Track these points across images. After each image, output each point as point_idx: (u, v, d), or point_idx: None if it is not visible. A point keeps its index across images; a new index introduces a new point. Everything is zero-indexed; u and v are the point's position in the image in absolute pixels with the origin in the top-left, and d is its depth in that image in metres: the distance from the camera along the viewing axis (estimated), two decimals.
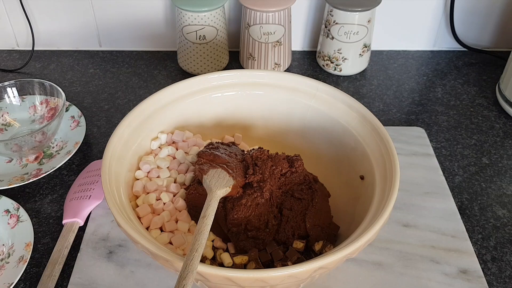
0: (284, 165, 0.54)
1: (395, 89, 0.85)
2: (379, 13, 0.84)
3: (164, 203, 0.54)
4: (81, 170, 0.68)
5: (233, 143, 0.60)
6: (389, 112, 0.80)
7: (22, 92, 0.74)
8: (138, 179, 0.55)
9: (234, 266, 0.49)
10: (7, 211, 0.60)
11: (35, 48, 0.90)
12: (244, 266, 0.49)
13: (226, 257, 0.50)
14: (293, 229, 0.52)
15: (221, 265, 0.50)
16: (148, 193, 0.54)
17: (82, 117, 0.74)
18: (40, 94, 0.74)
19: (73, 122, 0.74)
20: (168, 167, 0.57)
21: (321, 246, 0.50)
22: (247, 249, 0.50)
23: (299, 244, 0.51)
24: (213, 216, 0.46)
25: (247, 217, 0.51)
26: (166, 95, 0.58)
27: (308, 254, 0.51)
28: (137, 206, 0.53)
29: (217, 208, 0.51)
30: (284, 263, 0.48)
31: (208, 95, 0.61)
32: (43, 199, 0.65)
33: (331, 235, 0.53)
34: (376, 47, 0.93)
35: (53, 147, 0.71)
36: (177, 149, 0.59)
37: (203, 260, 0.50)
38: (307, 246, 0.51)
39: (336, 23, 0.82)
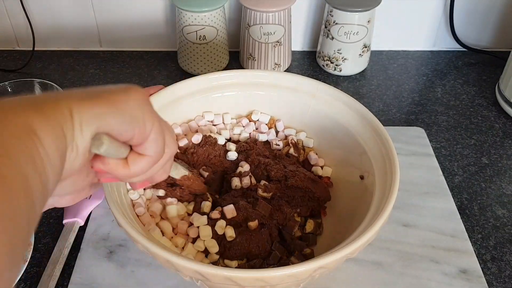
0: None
1: (395, 89, 0.86)
2: (379, 13, 0.84)
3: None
4: None
5: None
6: (389, 112, 0.80)
7: (23, 93, 0.74)
8: None
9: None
10: None
11: (35, 48, 0.90)
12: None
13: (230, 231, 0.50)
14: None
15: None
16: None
17: None
18: None
19: None
20: None
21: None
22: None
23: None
24: None
25: (247, 251, 0.51)
26: (166, 95, 0.58)
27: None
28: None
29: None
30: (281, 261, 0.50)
31: (208, 95, 0.61)
32: None
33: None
34: (376, 47, 0.93)
35: None
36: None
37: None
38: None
39: (336, 23, 0.82)
